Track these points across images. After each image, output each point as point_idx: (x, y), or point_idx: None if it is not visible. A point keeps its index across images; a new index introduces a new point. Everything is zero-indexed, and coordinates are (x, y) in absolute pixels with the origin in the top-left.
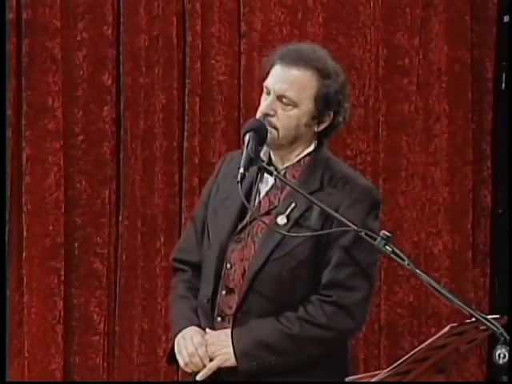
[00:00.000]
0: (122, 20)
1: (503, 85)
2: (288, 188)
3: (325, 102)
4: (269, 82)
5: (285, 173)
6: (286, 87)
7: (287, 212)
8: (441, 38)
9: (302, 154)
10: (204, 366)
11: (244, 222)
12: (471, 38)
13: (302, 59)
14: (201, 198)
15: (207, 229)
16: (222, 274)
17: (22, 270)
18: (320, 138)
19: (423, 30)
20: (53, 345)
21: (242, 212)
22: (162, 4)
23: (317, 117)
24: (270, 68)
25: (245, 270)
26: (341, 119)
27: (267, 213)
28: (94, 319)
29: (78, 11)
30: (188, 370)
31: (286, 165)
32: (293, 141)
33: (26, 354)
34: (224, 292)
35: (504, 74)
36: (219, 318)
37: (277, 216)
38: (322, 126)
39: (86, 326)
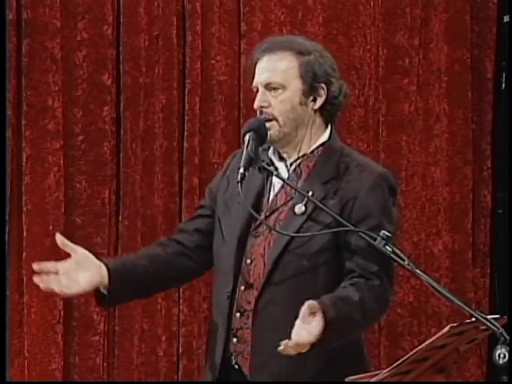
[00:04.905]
0: (122, 20)
1: (503, 85)
2: (303, 178)
3: (312, 76)
4: (254, 80)
5: (299, 164)
6: (269, 74)
7: (305, 200)
8: (441, 38)
9: (315, 145)
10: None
11: (262, 217)
12: (471, 38)
13: (277, 44)
14: (207, 192)
15: (219, 224)
16: (242, 269)
17: (22, 270)
18: (328, 124)
19: (423, 30)
20: (53, 345)
21: (257, 207)
22: (161, 4)
23: (309, 92)
24: (254, 69)
25: (265, 264)
26: (336, 91)
27: (284, 205)
28: (94, 319)
29: (77, 11)
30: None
31: (298, 155)
32: (295, 126)
33: (26, 354)
34: (243, 287)
35: (504, 74)
36: (238, 314)
37: (294, 206)
38: (319, 102)
39: (85, 326)
